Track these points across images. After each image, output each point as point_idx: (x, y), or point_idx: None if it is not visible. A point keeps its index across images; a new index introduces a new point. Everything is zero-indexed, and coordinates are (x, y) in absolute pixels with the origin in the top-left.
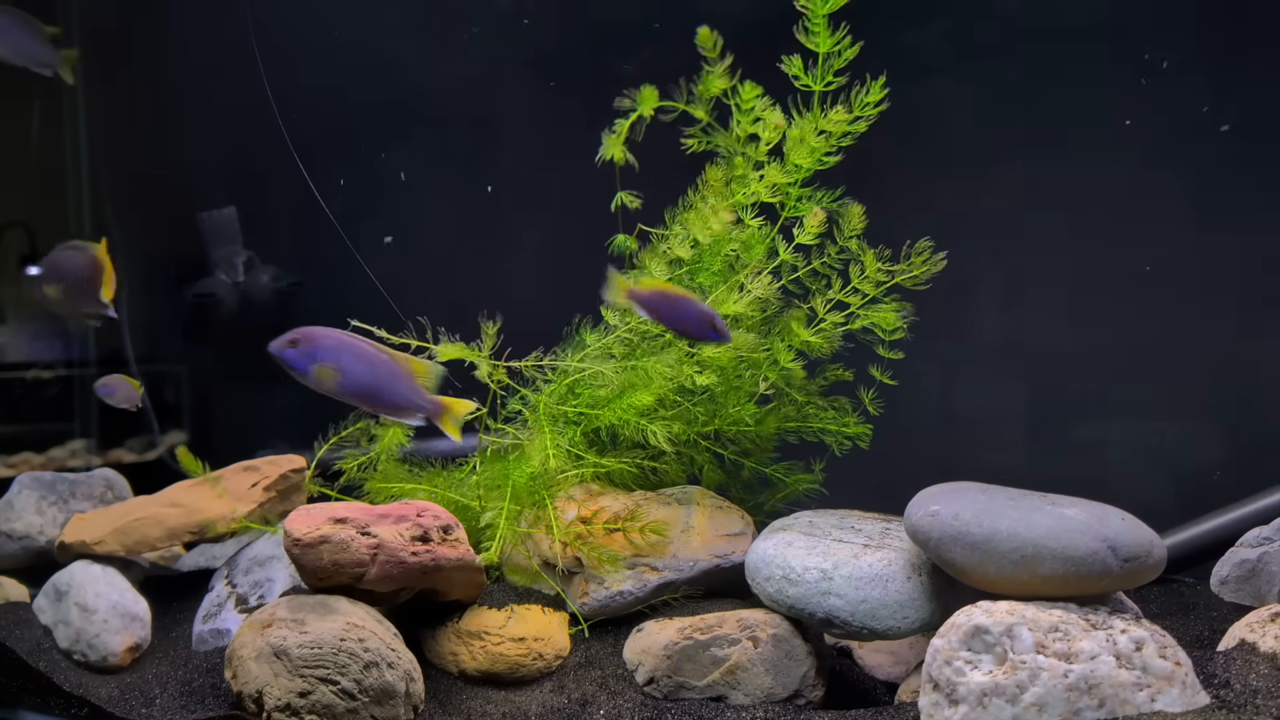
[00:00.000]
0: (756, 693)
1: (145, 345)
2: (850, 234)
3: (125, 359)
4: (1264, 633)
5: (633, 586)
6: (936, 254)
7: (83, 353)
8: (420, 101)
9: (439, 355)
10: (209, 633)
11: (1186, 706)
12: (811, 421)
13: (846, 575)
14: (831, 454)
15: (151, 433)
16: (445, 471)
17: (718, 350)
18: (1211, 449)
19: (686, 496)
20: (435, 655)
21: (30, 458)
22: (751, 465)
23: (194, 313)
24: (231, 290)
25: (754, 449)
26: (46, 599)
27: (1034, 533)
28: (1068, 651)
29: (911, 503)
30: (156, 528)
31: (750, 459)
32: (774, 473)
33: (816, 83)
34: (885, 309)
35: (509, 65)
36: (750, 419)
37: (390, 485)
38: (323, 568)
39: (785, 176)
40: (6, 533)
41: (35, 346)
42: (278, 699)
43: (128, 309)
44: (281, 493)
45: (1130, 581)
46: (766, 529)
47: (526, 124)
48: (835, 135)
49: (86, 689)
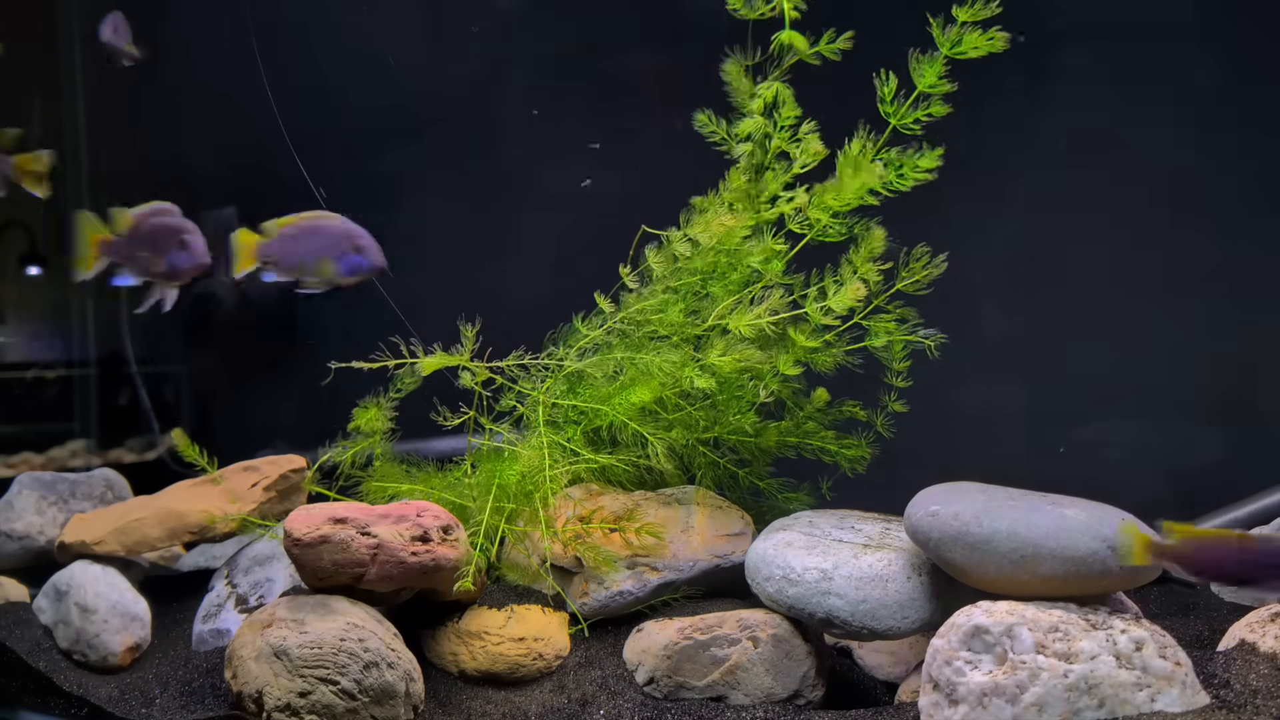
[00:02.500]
0: (756, 693)
1: (145, 345)
2: (868, 255)
3: (125, 359)
4: (1264, 633)
5: (632, 586)
6: (937, 257)
7: (83, 353)
8: (420, 101)
9: (421, 368)
10: (209, 633)
11: (1186, 706)
12: (812, 439)
13: (846, 575)
14: (830, 461)
15: (151, 433)
16: (442, 472)
17: (722, 359)
18: (1211, 449)
19: (686, 496)
20: (435, 655)
21: (30, 458)
22: (746, 476)
23: (194, 313)
24: (231, 290)
25: (752, 459)
26: (46, 599)
27: (1034, 533)
28: (1068, 651)
29: (911, 503)
30: (156, 528)
31: (747, 470)
32: (768, 487)
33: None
34: (886, 319)
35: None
36: (750, 428)
37: (387, 485)
38: (323, 568)
39: (819, 211)
40: (6, 533)
41: (35, 346)
42: (278, 699)
43: (127, 309)
44: (281, 493)
45: (1130, 582)
46: (766, 529)
47: (524, 123)
48: (874, 187)
49: (86, 689)
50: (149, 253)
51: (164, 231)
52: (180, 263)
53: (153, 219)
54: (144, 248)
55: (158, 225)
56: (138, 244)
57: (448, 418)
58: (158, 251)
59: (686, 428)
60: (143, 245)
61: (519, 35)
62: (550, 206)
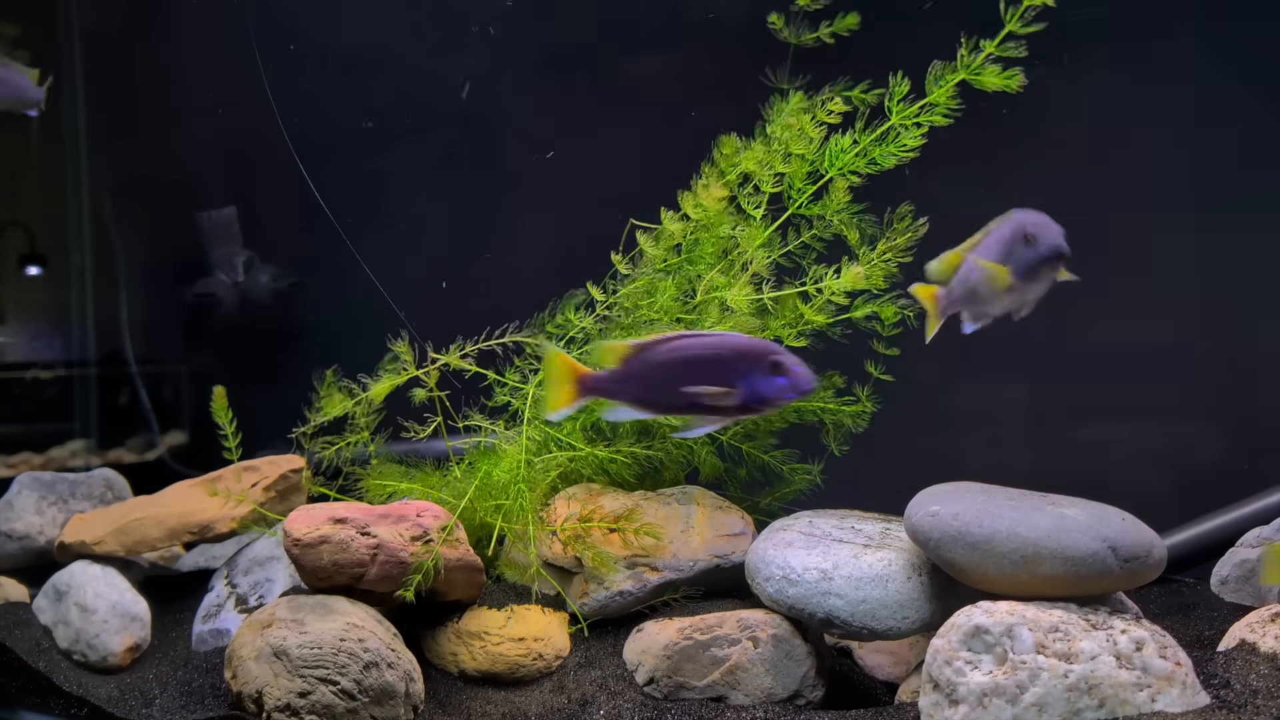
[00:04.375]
0: (756, 693)
1: (145, 345)
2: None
3: (125, 359)
4: (1264, 633)
5: (632, 586)
6: (917, 221)
7: (83, 353)
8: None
9: (372, 395)
10: (209, 633)
11: (1186, 707)
12: (812, 402)
13: (846, 575)
14: (832, 454)
15: (151, 433)
16: (439, 471)
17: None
18: (1211, 449)
19: (686, 496)
20: (435, 655)
21: (30, 458)
22: (750, 450)
23: (194, 313)
24: (231, 290)
25: (756, 432)
26: (46, 599)
27: (1034, 533)
28: (1068, 652)
29: (911, 503)
30: (156, 528)
31: (751, 444)
32: (772, 460)
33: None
34: (857, 268)
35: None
36: None
37: (386, 485)
38: (322, 568)
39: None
40: (6, 533)
41: (35, 346)
42: (278, 699)
43: (127, 309)
44: (281, 493)
45: (1130, 582)
46: (767, 529)
47: (525, 121)
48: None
49: (86, 689)
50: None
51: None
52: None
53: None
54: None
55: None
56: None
57: (426, 419)
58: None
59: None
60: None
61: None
62: (551, 203)
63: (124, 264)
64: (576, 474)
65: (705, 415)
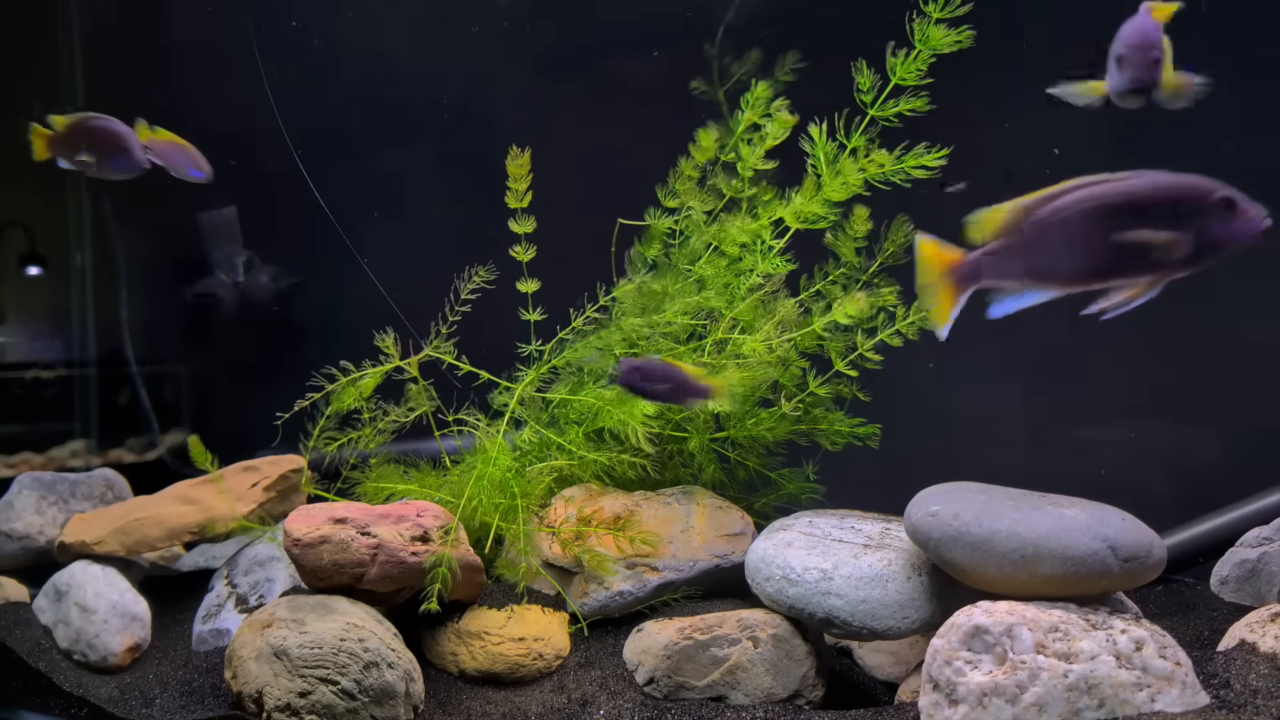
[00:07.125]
0: (756, 693)
1: (145, 345)
2: (854, 235)
3: (125, 359)
4: (1264, 633)
5: (632, 586)
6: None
7: (83, 353)
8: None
9: (362, 387)
10: (209, 633)
11: (1186, 706)
12: (821, 423)
13: (846, 575)
14: (832, 454)
15: (151, 433)
16: (438, 472)
17: (734, 379)
18: (1211, 449)
19: (686, 496)
20: (435, 655)
21: (30, 458)
22: (753, 464)
23: (194, 313)
24: (231, 290)
25: (758, 446)
26: (46, 599)
27: (1034, 533)
28: (1068, 651)
29: (911, 503)
30: (156, 528)
31: (752, 456)
32: (768, 467)
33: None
34: (861, 297)
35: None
36: (767, 431)
37: (385, 485)
38: (323, 568)
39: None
40: (6, 533)
41: (35, 346)
42: (278, 699)
43: (127, 309)
44: (281, 493)
45: (1130, 582)
46: (767, 529)
47: (523, 120)
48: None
49: (86, 689)
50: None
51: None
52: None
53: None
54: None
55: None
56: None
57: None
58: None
59: (698, 430)
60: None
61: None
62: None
63: (124, 264)
64: (575, 476)
65: (1135, 278)
